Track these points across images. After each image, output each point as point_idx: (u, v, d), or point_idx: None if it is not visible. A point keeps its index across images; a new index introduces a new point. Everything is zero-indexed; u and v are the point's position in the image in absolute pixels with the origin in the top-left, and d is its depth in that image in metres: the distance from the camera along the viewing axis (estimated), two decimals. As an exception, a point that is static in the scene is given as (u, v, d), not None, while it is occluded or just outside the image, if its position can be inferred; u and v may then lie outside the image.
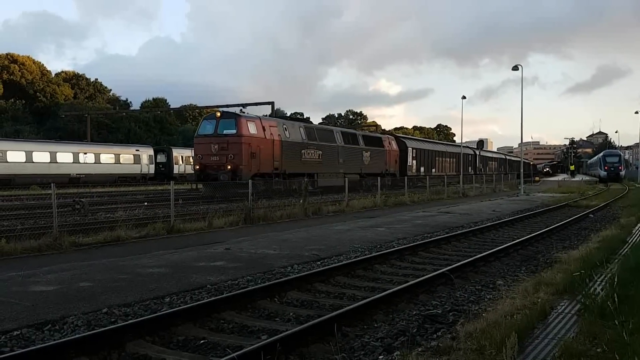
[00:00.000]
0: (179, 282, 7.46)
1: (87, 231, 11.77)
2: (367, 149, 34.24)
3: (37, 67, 65.58)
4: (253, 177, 22.45)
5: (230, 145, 23.52)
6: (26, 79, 63.00)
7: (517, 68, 34.35)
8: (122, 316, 5.85)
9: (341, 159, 31.13)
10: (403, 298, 6.63)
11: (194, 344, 5.11)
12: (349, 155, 31.93)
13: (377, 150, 35.56)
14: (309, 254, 9.92)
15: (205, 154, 24.14)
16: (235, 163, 23.18)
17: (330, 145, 30.41)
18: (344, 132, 34.40)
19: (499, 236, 13.22)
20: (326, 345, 4.94)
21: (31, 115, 59.61)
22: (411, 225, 15.04)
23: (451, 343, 4.63)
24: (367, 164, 33.97)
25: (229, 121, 24.21)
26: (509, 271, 8.88)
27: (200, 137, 24.87)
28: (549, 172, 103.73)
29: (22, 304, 6.13)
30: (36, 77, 64.12)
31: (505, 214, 18.92)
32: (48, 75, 67.03)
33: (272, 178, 24.68)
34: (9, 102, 59.23)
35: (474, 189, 36.46)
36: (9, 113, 57.67)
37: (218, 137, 23.95)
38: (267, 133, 24.89)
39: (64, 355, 4.46)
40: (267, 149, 24.72)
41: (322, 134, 30.32)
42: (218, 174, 22.80)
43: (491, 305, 6.29)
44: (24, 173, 33.83)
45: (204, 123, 25.36)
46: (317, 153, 28.86)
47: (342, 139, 31.85)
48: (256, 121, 24.79)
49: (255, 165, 23.93)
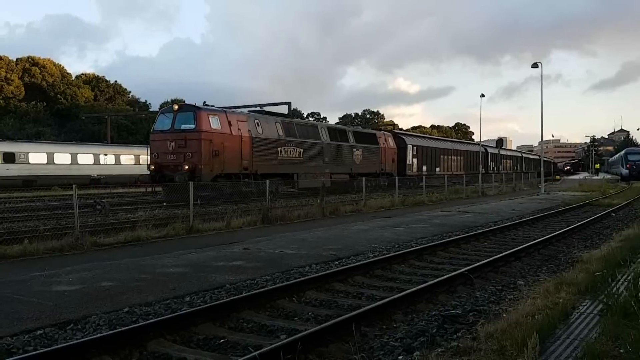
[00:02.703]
0: (199, 281, 7.52)
1: (108, 231, 11.90)
2: (358, 146, 31.33)
3: (57, 70, 66.56)
4: (216, 179, 20.51)
5: (189, 142, 20.70)
6: (47, 81, 63.98)
7: (537, 65, 33.92)
8: (143, 315, 5.91)
9: (327, 158, 28.29)
10: (422, 298, 6.59)
11: (214, 343, 5.14)
12: (336, 154, 29.11)
13: (370, 148, 32.59)
14: (327, 253, 9.93)
15: (161, 152, 21.34)
16: (194, 162, 20.38)
17: (314, 142, 27.48)
18: (331, 127, 31.54)
19: (519, 236, 13.08)
20: (345, 345, 4.94)
21: (52, 117, 60.52)
22: (430, 224, 14.96)
23: (471, 343, 4.59)
24: (358, 163, 31.14)
25: (187, 115, 21.39)
26: (529, 271, 8.79)
27: (156, 133, 21.91)
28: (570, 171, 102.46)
29: (44, 303, 6.23)
30: (57, 80, 65.07)
31: (526, 213, 18.72)
32: (68, 77, 67.98)
33: (240, 179, 21.83)
34: (31, 105, 60.20)
35: (493, 188, 36.10)
36: (31, 115, 58.61)
37: (175, 133, 21.09)
38: (233, 128, 22.08)
39: (86, 354, 4.52)
40: (233, 146, 21.91)
41: (304, 129, 27.48)
42: (174, 175, 20.06)
43: (512, 305, 6.24)
44: (45, 174, 34.35)
45: (161, 117, 22.32)
46: (297, 151, 25.96)
47: (328, 135, 28.90)
48: (220, 115, 21.99)
49: (218, 164, 21.13)
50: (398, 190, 24.34)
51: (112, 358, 4.63)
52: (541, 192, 33.23)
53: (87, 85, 68.84)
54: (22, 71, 62.51)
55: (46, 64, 65.22)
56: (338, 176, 28.38)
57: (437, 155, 41.63)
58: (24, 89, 61.31)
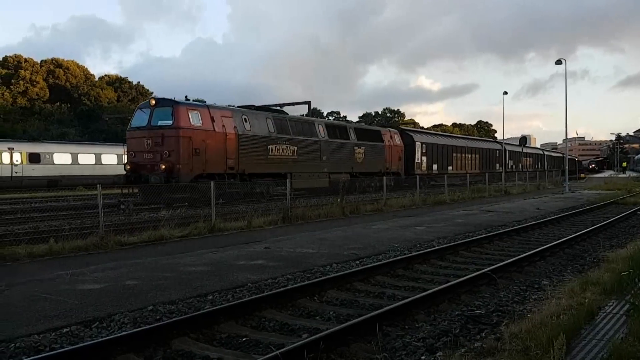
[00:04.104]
0: (221, 280, 7.57)
1: (132, 230, 12.07)
2: (360, 144, 29.53)
3: (81, 71, 67.65)
4: (197, 179, 19.09)
5: (166, 140, 19.15)
6: (71, 83, 65.06)
7: (560, 62, 33.49)
8: (167, 313, 5.98)
9: (325, 156, 26.57)
10: (445, 298, 6.54)
11: (237, 341, 5.17)
12: (335, 152, 27.39)
13: (374, 146, 30.77)
14: (348, 253, 9.92)
15: (137, 151, 19.80)
16: (171, 161, 18.88)
17: (310, 139, 25.73)
18: (329, 124, 29.50)
19: (544, 235, 12.90)
20: (367, 344, 4.93)
21: (76, 118, 61.50)
22: (451, 224, 14.84)
23: (495, 344, 4.55)
24: (360, 162, 29.38)
25: (164, 110, 19.75)
26: (554, 271, 8.67)
27: (133, 130, 20.33)
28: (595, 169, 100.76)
29: (70, 301, 6.34)
30: (80, 81, 66.14)
31: (550, 212, 18.47)
32: (92, 79, 69.04)
33: (225, 179, 20.14)
34: (55, 106, 61.30)
35: (516, 186, 35.66)
36: (55, 116, 59.68)
37: (152, 130, 19.50)
38: (217, 124, 20.44)
39: (111, 351, 4.58)
40: (216, 144, 20.35)
41: (299, 126, 25.62)
42: (150, 175, 18.70)
43: (536, 305, 6.16)
44: (70, 174, 34.95)
45: (138, 113, 20.75)
46: (290, 149, 24.27)
47: (326, 132, 27.13)
48: (201, 110, 20.31)
49: (199, 164, 19.56)
50: (419, 189, 24.17)
51: (137, 356, 4.69)
52: (566, 190, 32.75)
53: (110, 86, 69.81)
54: (47, 73, 63.68)
55: (70, 66, 66.33)
56: (338, 176, 26.81)
57: (448, 153, 39.80)
58: (48, 91, 62.46)
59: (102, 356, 4.51)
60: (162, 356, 4.79)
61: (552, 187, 39.81)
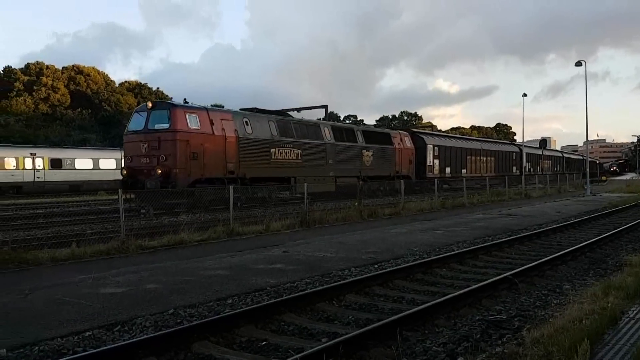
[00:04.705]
0: (240, 284, 7.61)
1: (152, 235, 12.19)
2: (368, 147, 28.85)
3: (101, 78, 68.60)
4: (194, 184, 18.69)
5: (162, 144, 18.56)
6: (91, 89, 65.99)
7: (580, 64, 33.09)
8: (188, 317, 6.02)
9: (331, 160, 25.93)
10: (465, 303, 6.49)
11: (256, 345, 5.19)
12: (342, 155, 26.74)
13: (382, 149, 30.01)
14: (366, 257, 9.90)
15: (134, 155, 19.25)
16: (168, 166, 18.31)
17: (315, 142, 25.12)
18: (336, 127, 28.51)
19: (565, 239, 12.74)
20: (387, 349, 4.91)
21: (97, 124, 62.35)
22: (471, 228, 14.72)
23: (517, 349, 4.50)
24: (368, 165, 28.68)
25: (161, 113, 19.19)
26: (576, 275, 8.56)
27: (130, 134, 19.80)
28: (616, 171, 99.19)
29: (93, 305, 6.42)
30: (101, 87, 67.06)
31: (571, 216, 18.23)
32: (112, 85, 69.97)
33: (225, 184, 19.02)
34: (76, 112, 62.23)
35: (537, 189, 35.26)
36: (76, 122, 60.57)
37: (148, 134, 18.93)
38: (216, 128, 19.88)
39: (133, 355, 4.63)
40: (215, 148, 19.79)
41: (303, 129, 24.99)
42: (146, 181, 18.10)
43: (558, 310, 6.09)
44: (91, 179, 35.47)
45: (135, 116, 20.26)
46: (294, 152, 23.64)
47: (332, 135, 26.44)
48: (200, 113, 19.78)
49: (197, 168, 19.00)
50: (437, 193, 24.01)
51: (158, 359, 4.73)
52: (587, 193, 32.31)
53: (131, 92, 70.67)
54: (68, 79, 64.67)
55: (91, 72, 67.30)
56: (344, 179, 26.25)
57: (462, 156, 39.05)
58: (69, 97, 63.42)
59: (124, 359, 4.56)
60: (182, 359, 4.83)
61: (573, 190, 39.28)
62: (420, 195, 25.97)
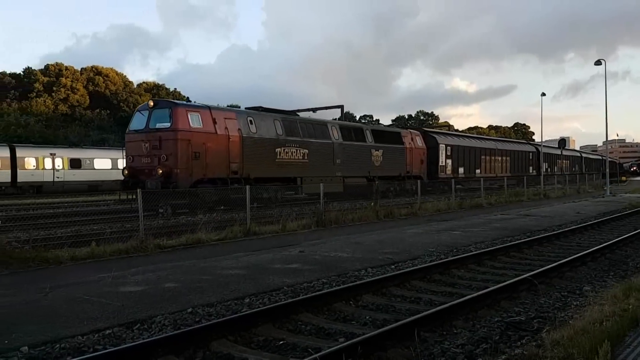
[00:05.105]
0: (257, 283, 7.64)
1: (170, 234, 12.29)
2: (378, 146, 28.38)
3: (120, 78, 69.34)
4: (196, 184, 18.42)
5: (164, 143, 18.30)
6: (110, 90, 66.73)
7: (600, 63, 32.66)
8: (206, 316, 6.07)
9: (338, 159, 25.53)
10: (483, 304, 6.44)
11: (274, 344, 5.21)
12: (350, 155, 26.29)
13: (392, 148, 29.51)
14: (383, 257, 9.87)
15: (136, 155, 19.03)
16: (169, 166, 18.06)
17: (322, 142, 24.72)
18: (344, 126, 27.90)
19: (585, 240, 12.58)
20: (405, 350, 4.90)
21: (115, 124, 63.00)
22: (489, 228, 14.61)
23: (537, 351, 4.47)
24: (378, 165, 28.16)
25: (162, 112, 18.94)
26: (596, 276, 8.46)
27: (131, 133, 19.63)
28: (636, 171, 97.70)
29: (113, 304, 6.50)
30: (119, 88, 67.79)
31: (591, 216, 18.01)
32: (130, 85, 70.69)
33: (228, 185, 19.25)
34: (95, 112, 62.98)
35: (555, 190, 34.88)
36: (95, 122, 61.29)
37: (149, 133, 18.70)
38: (219, 127, 19.55)
39: (153, 353, 4.67)
40: (218, 147, 19.47)
41: (310, 128, 24.57)
42: (147, 181, 17.90)
43: (578, 312, 6.02)
44: (110, 179, 35.83)
45: (137, 115, 20.06)
46: (301, 152, 23.26)
47: (340, 134, 26.08)
48: (202, 112, 19.51)
49: (199, 168, 18.72)
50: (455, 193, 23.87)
51: (177, 357, 4.77)
52: (606, 194, 31.89)
53: (148, 93, 71.31)
54: (87, 80, 65.49)
55: (109, 73, 68.06)
56: (353, 180, 25.89)
57: (476, 156, 38.26)
58: (88, 98, 64.21)
59: (143, 358, 4.61)
60: (201, 358, 4.86)
61: (592, 190, 38.79)
62: (433, 196, 25.64)
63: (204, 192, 17.72)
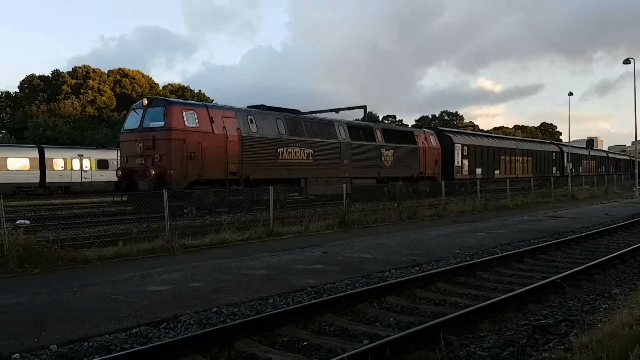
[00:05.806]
0: (281, 284, 7.67)
1: (195, 234, 12.41)
2: (388, 146, 27.38)
3: (146, 81, 70.33)
4: (192, 185, 17.78)
5: (157, 143, 17.54)
6: (136, 91, 67.69)
7: (629, 61, 32.02)
8: (231, 316, 6.11)
9: (346, 160, 24.64)
10: (510, 307, 6.34)
11: (298, 345, 5.22)
12: (358, 155, 25.37)
13: (404, 148, 28.49)
14: (406, 259, 9.82)
15: (130, 156, 18.43)
16: (162, 166, 17.32)
17: (328, 141, 23.79)
18: (352, 125, 26.84)
19: (614, 242, 12.33)
20: (430, 352, 4.85)
21: (141, 126, 63.88)
22: (515, 230, 14.41)
23: (565, 355, 4.40)
24: (388, 166, 27.24)
25: (156, 110, 18.19)
26: (625, 279, 8.27)
27: (125, 133, 19.02)
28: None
29: (139, 303, 6.59)
30: (145, 90, 68.70)
31: (620, 218, 17.64)
32: (156, 88, 71.62)
33: (226, 186, 18.61)
34: (122, 114, 63.95)
35: (583, 191, 34.25)
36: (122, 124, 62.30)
37: (143, 132, 18.00)
38: (216, 126, 18.80)
39: (179, 352, 4.72)
40: (216, 147, 18.68)
41: (315, 127, 23.63)
42: (139, 182, 17.24)
43: (607, 315, 5.91)
44: (136, 180, 36.32)
45: (131, 114, 19.41)
46: (305, 152, 22.39)
47: (347, 133, 25.09)
48: (198, 110, 18.84)
49: (194, 169, 17.98)
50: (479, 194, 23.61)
51: (203, 356, 4.81)
52: (636, 195, 31.22)
53: (174, 94, 72.19)
54: (114, 82, 66.56)
55: (135, 75, 69.08)
56: (361, 181, 25.09)
57: (495, 156, 36.97)
58: (115, 100, 65.27)
59: (169, 356, 4.65)
60: (226, 357, 4.90)
61: (620, 191, 37.99)
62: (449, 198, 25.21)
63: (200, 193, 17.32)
